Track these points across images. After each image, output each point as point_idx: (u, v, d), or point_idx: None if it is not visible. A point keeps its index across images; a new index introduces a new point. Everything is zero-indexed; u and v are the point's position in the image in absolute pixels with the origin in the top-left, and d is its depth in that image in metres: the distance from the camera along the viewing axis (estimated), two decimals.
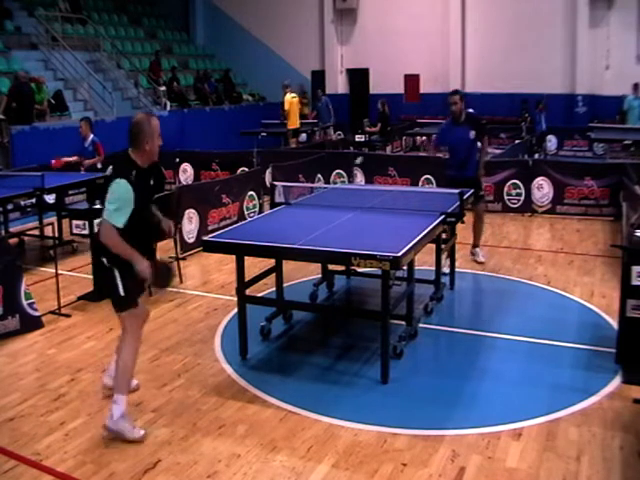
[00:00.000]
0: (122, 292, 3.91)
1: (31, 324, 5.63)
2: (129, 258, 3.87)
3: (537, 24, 17.11)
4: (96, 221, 6.49)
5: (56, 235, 7.51)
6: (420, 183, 10.44)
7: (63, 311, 6.03)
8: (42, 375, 4.80)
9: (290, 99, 14.60)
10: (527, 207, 9.97)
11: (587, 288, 6.48)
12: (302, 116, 17.12)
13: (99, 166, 9.60)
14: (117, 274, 3.91)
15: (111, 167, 4.16)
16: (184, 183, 11.73)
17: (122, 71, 16.94)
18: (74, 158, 9.49)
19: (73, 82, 15.15)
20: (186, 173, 12.50)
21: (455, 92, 7.44)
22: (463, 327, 5.62)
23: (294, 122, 14.78)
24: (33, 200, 8.32)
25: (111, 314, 5.98)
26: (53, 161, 9.49)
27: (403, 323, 5.23)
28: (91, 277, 6.62)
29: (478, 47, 18.25)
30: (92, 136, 9.54)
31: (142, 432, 3.91)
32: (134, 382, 4.40)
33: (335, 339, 5.50)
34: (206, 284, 6.94)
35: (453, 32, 18.56)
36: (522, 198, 9.98)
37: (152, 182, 4.19)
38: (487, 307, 6.06)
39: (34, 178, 7.68)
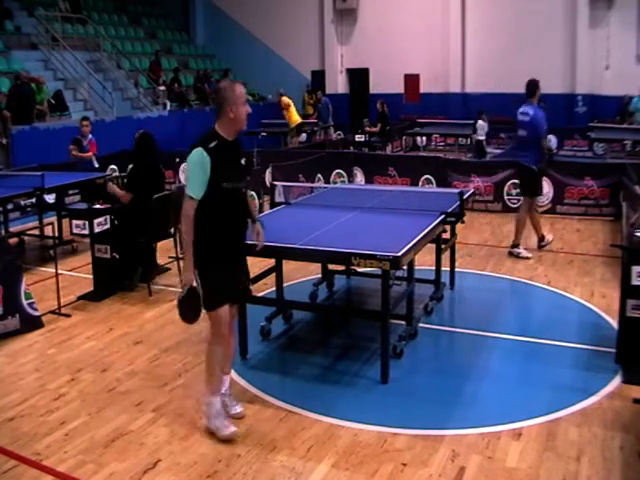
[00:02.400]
0: (201, 290, 3.71)
1: (31, 324, 5.62)
2: (185, 255, 3.70)
3: (537, 24, 17.12)
4: (97, 220, 6.52)
5: (56, 235, 7.51)
6: (420, 183, 10.45)
7: (63, 311, 6.03)
8: (42, 375, 4.80)
9: (287, 100, 14.69)
10: None
11: (587, 288, 6.48)
12: (306, 116, 17.15)
13: (95, 164, 9.85)
14: (196, 270, 3.71)
15: None
16: (184, 183, 11.71)
17: (122, 71, 16.95)
18: (89, 154, 9.88)
19: (73, 82, 15.16)
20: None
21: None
22: (463, 327, 5.61)
23: (295, 119, 14.77)
24: (33, 200, 8.32)
25: (111, 314, 6.05)
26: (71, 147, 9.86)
27: (403, 323, 5.22)
28: (91, 277, 6.64)
29: (478, 47, 18.26)
30: (91, 136, 9.91)
31: (232, 429, 3.85)
32: (237, 407, 4.13)
33: (335, 339, 5.50)
34: None
35: (453, 32, 18.58)
36: (522, 198, 9.96)
37: (243, 162, 3.91)
38: (487, 307, 6.06)
39: (34, 178, 7.68)
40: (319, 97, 17.58)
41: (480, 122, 14.50)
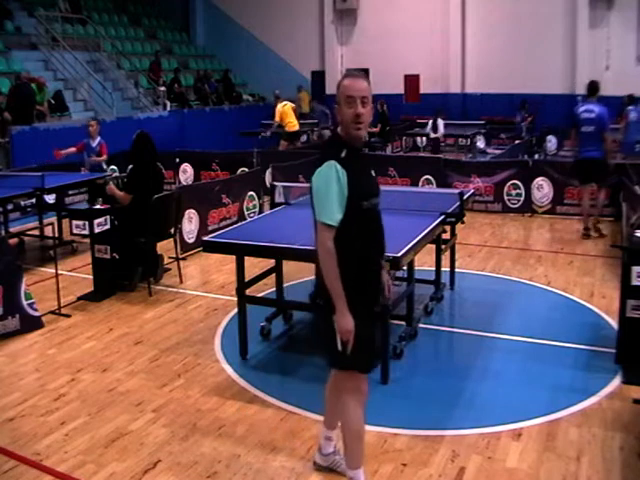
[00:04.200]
0: (340, 346, 3.00)
1: (31, 324, 5.62)
2: (335, 300, 2.90)
3: (537, 24, 17.13)
4: (97, 221, 6.51)
5: (56, 235, 7.51)
6: (420, 183, 10.45)
7: (63, 311, 6.03)
8: (42, 375, 4.80)
9: (281, 109, 14.45)
10: (527, 207, 9.97)
11: (587, 288, 6.48)
12: (302, 115, 17.05)
13: (104, 166, 9.60)
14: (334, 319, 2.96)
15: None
16: (184, 183, 11.74)
17: (122, 71, 16.95)
18: (72, 149, 9.45)
19: (73, 82, 15.16)
20: (186, 173, 12.51)
21: None
22: (463, 327, 5.61)
23: (293, 125, 14.73)
24: (33, 200, 8.33)
25: (111, 314, 6.05)
26: (55, 152, 9.48)
27: (403, 323, 5.23)
28: (91, 277, 6.64)
29: (478, 47, 18.27)
30: (99, 137, 9.50)
31: None
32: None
33: None
34: (206, 284, 6.94)
35: (453, 32, 18.58)
36: (522, 198, 9.99)
37: (373, 173, 3.22)
38: (487, 307, 6.06)
39: (34, 178, 7.69)
40: (312, 107, 17.50)
41: (440, 120, 14.61)
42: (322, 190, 2.91)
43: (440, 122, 14.70)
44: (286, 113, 14.24)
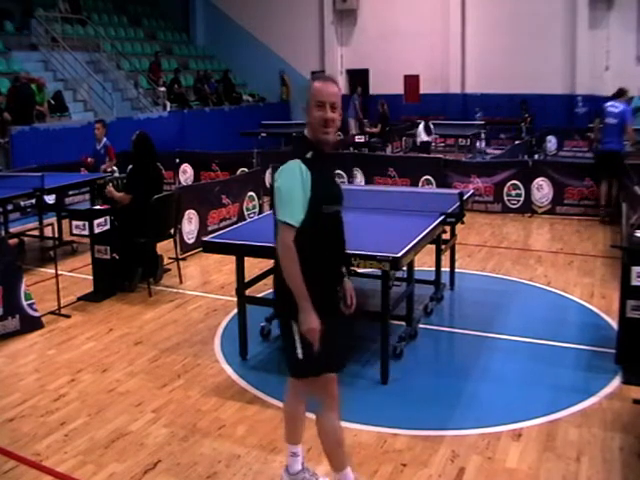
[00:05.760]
0: (300, 355, 2.94)
1: (31, 324, 5.62)
2: (298, 299, 2.84)
3: (537, 25, 17.12)
4: (96, 221, 6.51)
5: (56, 236, 7.51)
6: (420, 184, 10.45)
7: (63, 312, 6.03)
8: (42, 375, 4.80)
9: None
10: (527, 207, 9.97)
11: (587, 289, 6.48)
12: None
13: (114, 170, 9.36)
14: (295, 328, 2.92)
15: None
16: (184, 184, 11.74)
17: (122, 72, 16.94)
18: (90, 160, 9.32)
19: (73, 83, 15.16)
20: (186, 174, 12.50)
21: None
22: (463, 327, 5.62)
23: None
24: (33, 200, 8.32)
25: (111, 315, 6.05)
26: (88, 159, 9.32)
27: (403, 324, 5.23)
28: (91, 278, 6.64)
29: (478, 47, 18.26)
30: (105, 139, 9.34)
31: None
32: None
33: None
34: (206, 285, 6.94)
35: (453, 32, 18.58)
36: (522, 199, 9.99)
37: (337, 180, 3.17)
38: (487, 307, 6.06)
39: (34, 178, 7.68)
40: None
41: (430, 124, 14.64)
42: (285, 189, 2.84)
43: (430, 125, 14.66)
44: None
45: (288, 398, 3.38)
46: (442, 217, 5.35)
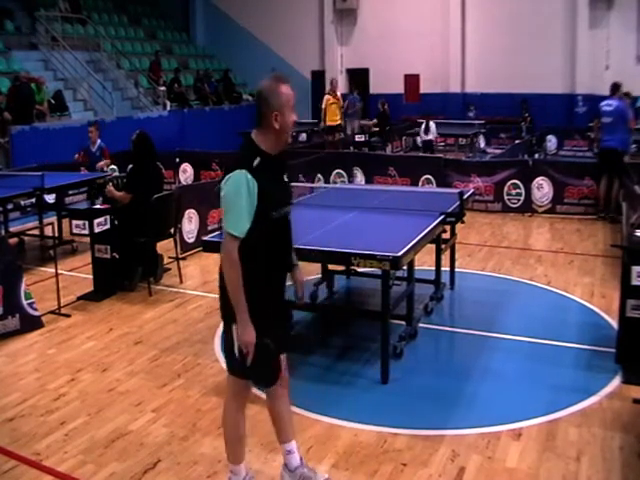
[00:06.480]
0: (237, 354, 2.98)
1: (31, 324, 5.62)
2: (236, 311, 2.88)
3: (537, 24, 17.12)
4: (96, 220, 6.51)
5: (56, 235, 7.51)
6: (420, 183, 10.45)
7: (63, 311, 6.03)
8: (42, 375, 4.80)
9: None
10: (527, 207, 9.97)
11: (587, 288, 6.48)
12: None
13: (109, 169, 9.52)
14: (234, 328, 2.96)
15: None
16: (184, 183, 11.74)
17: (122, 71, 16.95)
18: (102, 163, 9.44)
19: (73, 82, 15.16)
20: (186, 173, 12.51)
21: None
22: (463, 327, 5.61)
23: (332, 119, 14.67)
24: (33, 200, 8.32)
25: (111, 314, 6.05)
26: (77, 156, 9.55)
27: (403, 323, 5.23)
28: (91, 277, 6.64)
29: (478, 47, 18.26)
30: (99, 141, 9.48)
31: None
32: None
33: (335, 339, 5.50)
34: (206, 284, 6.93)
35: (453, 32, 18.58)
36: (522, 198, 9.99)
37: (286, 179, 3.13)
38: (487, 307, 6.06)
39: (34, 178, 7.68)
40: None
41: (432, 123, 14.63)
42: (231, 199, 2.84)
43: (432, 124, 14.66)
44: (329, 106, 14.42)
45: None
46: (442, 216, 5.35)
